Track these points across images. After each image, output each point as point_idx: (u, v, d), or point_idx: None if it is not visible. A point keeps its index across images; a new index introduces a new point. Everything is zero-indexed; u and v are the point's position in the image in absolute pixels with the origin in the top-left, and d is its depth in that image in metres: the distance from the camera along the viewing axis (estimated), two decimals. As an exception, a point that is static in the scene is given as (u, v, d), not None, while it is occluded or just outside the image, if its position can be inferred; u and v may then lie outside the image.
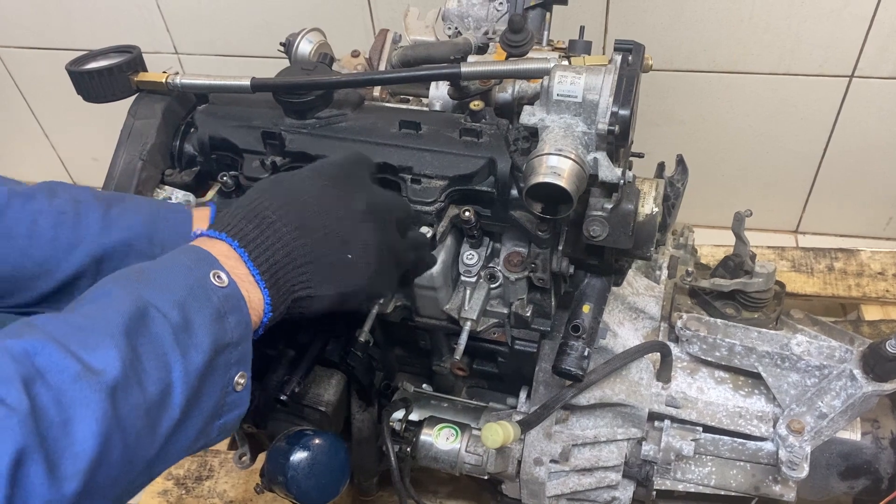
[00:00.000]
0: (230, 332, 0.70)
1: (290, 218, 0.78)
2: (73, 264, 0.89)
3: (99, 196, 0.95)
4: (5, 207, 0.87)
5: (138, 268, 0.71)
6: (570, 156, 0.88)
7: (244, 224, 0.77)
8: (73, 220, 0.89)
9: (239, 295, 0.71)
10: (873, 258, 1.80)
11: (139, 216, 0.94)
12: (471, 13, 1.23)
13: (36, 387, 0.55)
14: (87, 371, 0.58)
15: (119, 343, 0.61)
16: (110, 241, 0.90)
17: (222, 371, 0.69)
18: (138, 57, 1.14)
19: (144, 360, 0.62)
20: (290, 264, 0.77)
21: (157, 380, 0.62)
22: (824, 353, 1.15)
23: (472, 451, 1.17)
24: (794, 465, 1.10)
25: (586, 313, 1.06)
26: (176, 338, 0.65)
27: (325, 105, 1.08)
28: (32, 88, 2.45)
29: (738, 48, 1.78)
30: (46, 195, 0.91)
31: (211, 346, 0.67)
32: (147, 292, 0.66)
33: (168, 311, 0.66)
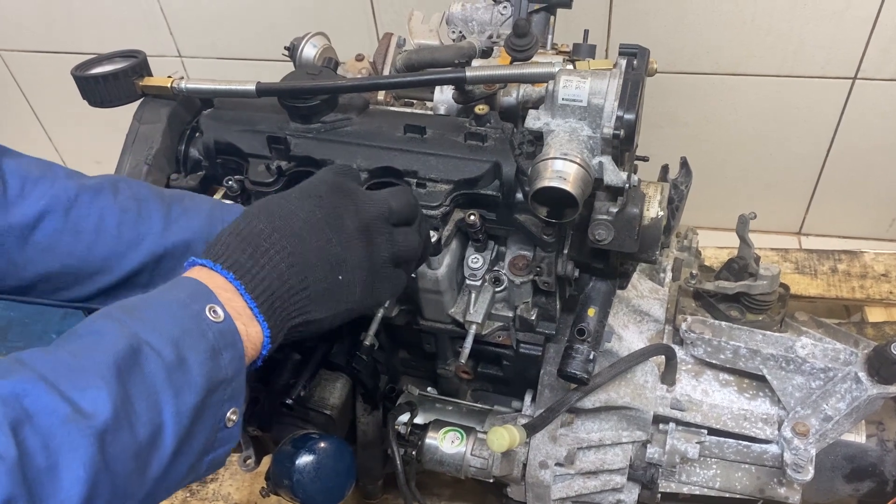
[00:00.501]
0: (224, 369, 0.68)
1: (282, 244, 0.77)
2: (133, 261, 0.91)
3: (159, 194, 0.96)
4: (73, 202, 0.89)
5: (132, 303, 0.70)
6: (576, 160, 0.89)
7: (238, 254, 0.75)
8: (135, 217, 0.91)
9: (234, 330, 0.70)
10: (877, 260, 1.80)
11: (198, 217, 0.95)
12: (475, 17, 1.23)
13: (24, 430, 0.54)
14: (76, 414, 0.56)
15: (110, 383, 0.59)
16: (170, 241, 0.92)
17: (215, 408, 0.68)
18: (144, 61, 1.14)
19: (135, 402, 0.61)
20: (286, 293, 0.76)
21: (147, 422, 0.61)
22: (829, 356, 1.15)
23: (478, 454, 1.17)
24: (799, 467, 1.10)
25: (591, 317, 1.06)
26: (169, 377, 0.63)
27: (331, 109, 1.08)
28: (36, 92, 2.46)
29: (741, 50, 1.79)
30: (111, 191, 0.92)
31: (205, 384, 0.66)
32: (141, 329, 0.65)
33: (162, 349, 0.64)
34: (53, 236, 0.88)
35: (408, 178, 1.02)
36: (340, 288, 0.80)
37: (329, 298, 0.80)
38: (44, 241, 0.87)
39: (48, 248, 0.88)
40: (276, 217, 0.79)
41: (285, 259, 0.76)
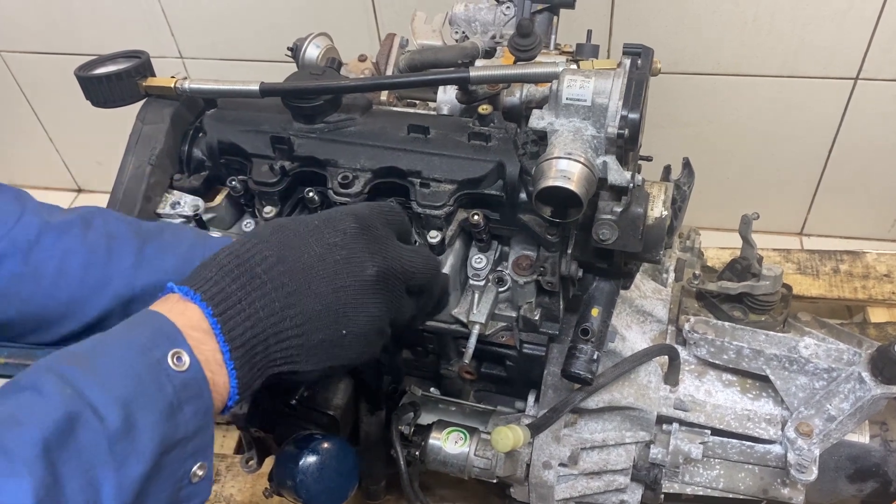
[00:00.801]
0: (184, 426, 0.61)
1: (282, 280, 0.68)
2: (99, 306, 0.84)
3: (136, 230, 0.89)
4: (34, 245, 0.82)
5: (84, 348, 0.62)
6: (580, 159, 0.88)
7: (227, 282, 0.67)
8: (104, 258, 0.84)
9: (201, 379, 0.62)
10: (879, 260, 1.80)
11: (174, 258, 0.87)
12: (478, 17, 1.23)
13: None
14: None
15: (35, 470, 0.52)
16: (140, 284, 0.85)
17: (174, 468, 0.61)
18: (147, 62, 1.14)
19: (66, 483, 0.53)
20: (272, 338, 0.67)
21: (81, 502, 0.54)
22: (832, 356, 1.15)
23: (481, 454, 1.17)
24: (802, 467, 1.10)
25: (595, 317, 1.06)
26: (111, 448, 0.56)
27: (334, 109, 1.08)
28: (37, 93, 2.46)
29: (743, 51, 1.79)
30: (81, 228, 0.85)
31: (156, 449, 0.59)
32: (86, 386, 0.57)
33: (107, 414, 0.57)
34: (11, 281, 0.81)
35: (411, 178, 1.02)
36: (341, 343, 0.73)
37: (324, 352, 0.72)
38: (1, 286, 0.80)
39: (4, 295, 0.81)
40: (288, 246, 0.71)
41: (282, 298, 0.68)
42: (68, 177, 2.64)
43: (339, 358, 0.74)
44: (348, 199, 1.02)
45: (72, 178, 2.65)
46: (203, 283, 0.67)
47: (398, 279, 0.78)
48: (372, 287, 0.74)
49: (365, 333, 0.75)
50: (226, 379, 0.65)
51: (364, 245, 0.75)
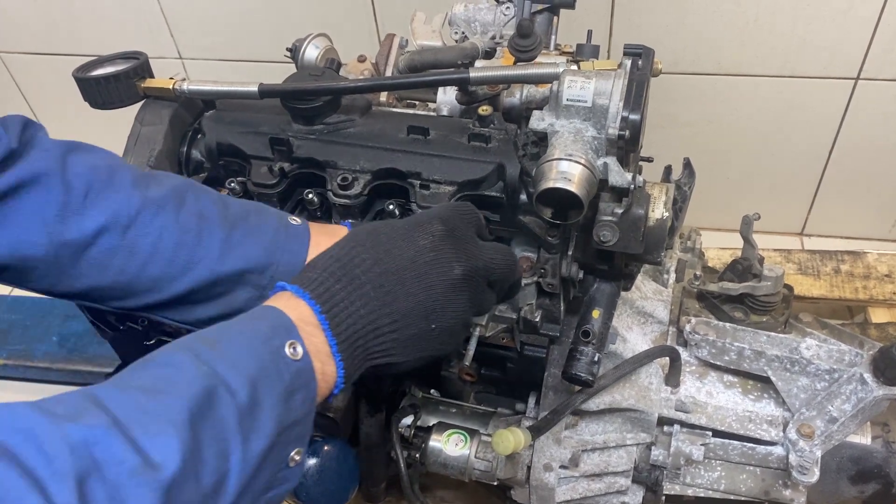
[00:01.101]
0: (295, 411, 0.67)
1: (380, 281, 0.74)
2: (184, 284, 0.88)
3: (223, 212, 0.92)
4: (134, 220, 0.86)
5: (212, 333, 0.68)
6: (581, 161, 0.88)
7: (332, 282, 0.73)
8: (194, 240, 0.88)
9: (310, 370, 0.69)
10: (880, 260, 1.80)
11: (258, 246, 0.91)
12: (477, 18, 1.23)
13: (91, 482, 0.51)
14: (145, 466, 0.54)
15: (182, 431, 0.57)
16: (225, 269, 0.89)
17: (281, 450, 0.66)
18: (145, 63, 1.14)
19: (204, 449, 0.58)
20: (371, 333, 0.73)
21: (213, 470, 0.59)
22: (834, 357, 1.15)
23: (482, 456, 1.16)
24: (804, 469, 1.10)
25: (596, 318, 1.05)
26: (241, 421, 0.61)
27: (333, 110, 1.07)
28: (36, 93, 2.46)
29: (743, 51, 1.78)
30: (175, 205, 0.89)
31: (275, 428, 0.64)
32: (219, 364, 0.63)
33: (237, 390, 0.62)
34: (108, 254, 0.86)
35: (411, 180, 1.01)
36: (430, 337, 0.78)
37: (415, 345, 0.77)
38: (98, 257, 0.85)
39: (101, 265, 0.86)
40: (382, 249, 0.76)
41: (380, 297, 0.74)
42: (67, 178, 2.63)
43: (429, 350, 0.79)
44: (348, 201, 1.02)
45: (71, 178, 2.64)
46: (310, 283, 0.73)
47: (481, 275, 0.82)
48: (458, 285, 0.79)
49: (451, 327, 0.80)
50: (334, 369, 0.71)
51: (450, 246, 0.80)
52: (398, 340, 0.75)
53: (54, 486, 0.50)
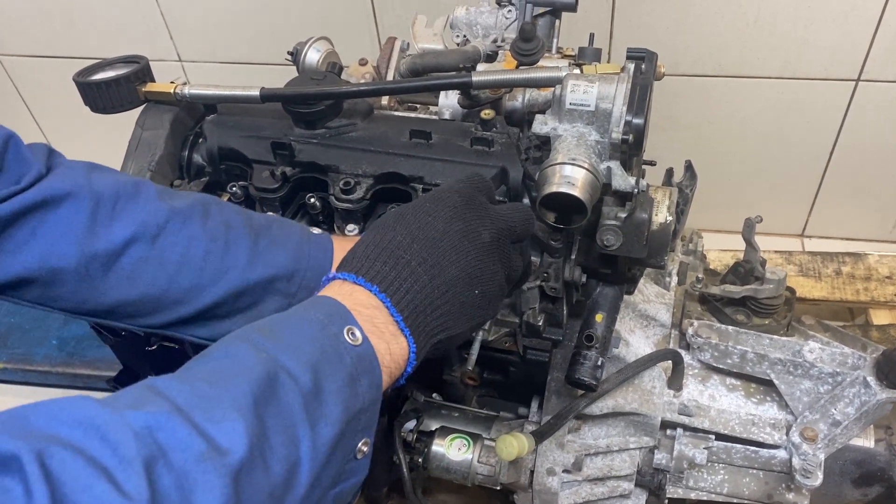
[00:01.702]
0: (361, 398, 0.65)
1: (423, 257, 0.74)
2: (214, 295, 0.87)
3: (248, 222, 0.92)
4: (162, 229, 0.86)
5: (268, 323, 0.67)
6: (584, 165, 0.88)
7: (380, 265, 0.72)
8: (222, 249, 0.88)
9: (372, 354, 0.67)
10: (881, 262, 1.80)
11: (285, 253, 0.91)
12: (479, 21, 1.23)
13: (157, 468, 0.50)
14: (212, 451, 0.53)
15: (247, 416, 0.56)
16: (254, 277, 0.89)
17: (349, 439, 0.64)
18: (146, 67, 1.13)
19: (272, 436, 0.57)
20: (428, 307, 0.73)
21: (283, 458, 0.57)
22: (837, 360, 1.15)
23: (485, 461, 1.16)
24: (807, 472, 1.09)
25: (599, 322, 1.05)
26: (306, 407, 0.60)
27: (335, 114, 1.07)
28: (36, 97, 2.45)
29: (744, 52, 1.78)
30: (201, 215, 0.89)
31: (342, 415, 0.62)
32: (278, 352, 0.62)
33: (299, 376, 0.61)
34: (138, 264, 0.85)
35: (413, 184, 1.01)
36: (477, 302, 0.78)
37: (466, 313, 0.77)
38: (128, 268, 0.85)
39: (131, 276, 0.85)
40: (414, 227, 0.76)
41: (427, 271, 0.73)
42: (67, 180, 2.63)
43: (476, 317, 0.79)
44: (350, 206, 1.02)
45: (70, 181, 2.63)
46: (359, 269, 0.72)
47: (505, 236, 0.83)
48: (489, 248, 0.79)
49: (491, 291, 0.80)
50: (404, 344, 0.70)
51: (473, 215, 0.80)
52: (451, 311, 0.75)
53: (121, 473, 0.48)
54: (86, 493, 0.47)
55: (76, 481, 0.47)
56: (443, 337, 0.75)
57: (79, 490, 0.46)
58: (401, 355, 0.70)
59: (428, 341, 0.73)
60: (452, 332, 0.76)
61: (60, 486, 0.46)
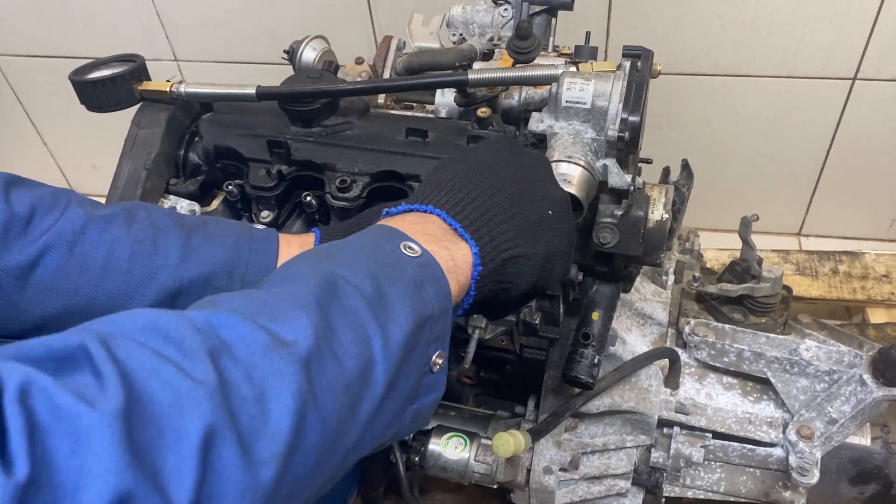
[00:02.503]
0: (430, 304, 0.63)
1: (479, 178, 0.72)
2: (146, 300, 0.82)
3: (180, 222, 0.87)
4: (79, 236, 0.80)
5: (321, 247, 0.66)
6: (580, 163, 0.88)
7: (433, 194, 0.71)
8: (149, 250, 0.82)
9: (435, 264, 0.65)
10: (878, 261, 1.80)
11: (221, 248, 0.86)
12: (475, 19, 1.22)
13: (223, 360, 0.49)
14: (277, 342, 0.52)
15: (311, 313, 0.55)
16: (187, 276, 0.83)
17: (423, 348, 0.62)
18: (142, 66, 1.13)
19: (340, 334, 0.56)
20: (490, 220, 0.70)
21: (355, 354, 0.56)
22: (833, 358, 1.15)
23: (482, 460, 1.16)
24: (804, 470, 1.10)
25: (596, 321, 1.05)
26: (372, 310, 0.58)
27: (331, 113, 1.07)
28: (31, 96, 2.44)
29: (741, 51, 1.78)
30: (125, 220, 0.84)
31: (411, 317, 0.61)
32: (335, 266, 0.61)
33: (360, 284, 0.59)
34: (57, 273, 0.79)
35: (410, 182, 1.01)
36: (549, 222, 0.75)
37: (540, 233, 0.74)
38: (46, 279, 0.78)
39: (50, 288, 0.79)
40: (464, 161, 0.75)
41: (485, 190, 0.71)
42: (63, 181, 2.62)
43: (554, 241, 0.76)
44: (346, 204, 1.01)
45: (67, 182, 2.63)
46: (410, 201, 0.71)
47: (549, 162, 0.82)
48: (547, 168, 0.78)
49: (565, 211, 0.77)
50: (466, 249, 0.68)
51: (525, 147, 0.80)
52: (521, 227, 0.72)
53: (188, 363, 0.48)
54: (153, 377, 0.46)
55: (144, 366, 0.46)
56: (514, 254, 0.71)
57: (147, 374, 0.46)
58: (465, 261, 0.68)
59: (497, 254, 0.70)
60: (525, 251, 0.72)
61: (129, 371, 0.45)
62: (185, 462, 0.44)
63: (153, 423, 0.44)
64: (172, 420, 0.45)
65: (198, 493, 0.44)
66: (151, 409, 0.44)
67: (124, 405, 0.43)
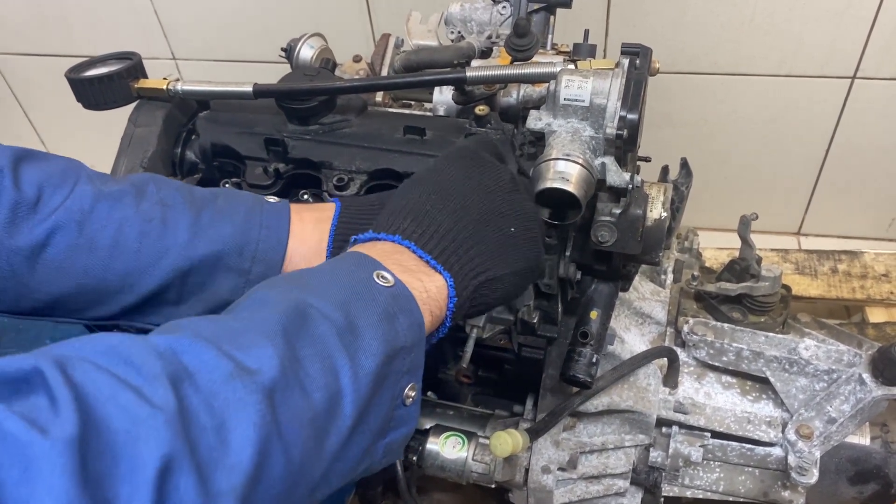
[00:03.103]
0: (402, 335, 0.62)
1: (443, 204, 0.73)
2: (156, 278, 0.82)
3: (189, 197, 0.87)
4: (89, 214, 0.80)
5: (294, 273, 0.66)
6: (578, 160, 0.87)
7: (398, 222, 0.71)
8: (159, 228, 0.82)
9: (408, 294, 0.65)
10: (877, 260, 1.80)
11: (231, 225, 0.85)
12: (474, 17, 1.22)
13: (184, 387, 0.48)
14: (240, 370, 0.51)
15: (276, 342, 0.54)
16: (197, 254, 0.83)
17: (394, 380, 0.62)
18: (139, 63, 1.12)
19: (307, 364, 0.55)
20: (459, 247, 0.71)
21: (323, 385, 0.55)
22: (832, 358, 1.14)
23: (480, 459, 1.15)
24: (803, 470, 1.09)
25: (594, 319, 1.05)
26: (341, 340, 0.58)
27: (329, 111, 1.06)
28: (28, 95, 2.44)
29: (740, 50, 1.78)
30: (134, 197, 0.83)
31: (382, 348, 0.60)
32: (306, 295, 0.60)
33: (330, 313, 0.59)
34: (67, 253, 0.79)
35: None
36: (516, 241, 0.76)
37: (506, 253, 0.74)
38: (56, 259, 0.79)
39: (61, 268, 0.79)
40: (430, 181, 0.75)
41: (450, 215, 0.72)
42: (61, 179, 2.62)
43: (522, 258, 0.76)
44: (344, 202, 1.01)
45: (64, 180, 2.63)
46: (378, 229, 0.72)
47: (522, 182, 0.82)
48: (512, 185, 0.78)
49: (529, 226, 0.78)
50: (441, 281, 0.69)
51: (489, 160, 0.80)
52: (488, 251, 0.73)
53: (148, 388, 0.46)
54: (110, 402, 0.45)
55: (101, 391, 0.45)
56: (484, 278, 0.72)
57: (104, 399, 0.45)
58: (439, 293, 0.68)
59: (469, 282, 0.71)
60: (496, 273, 0.73)
61: (85, 395, 0.44)
62: (139, 492, 0.43)
63: (108, 451, 0.43)
64: (128, 448, 0.43)
65: None
66: (108, 436, 0.43)
67: (79, 432, 0.42)
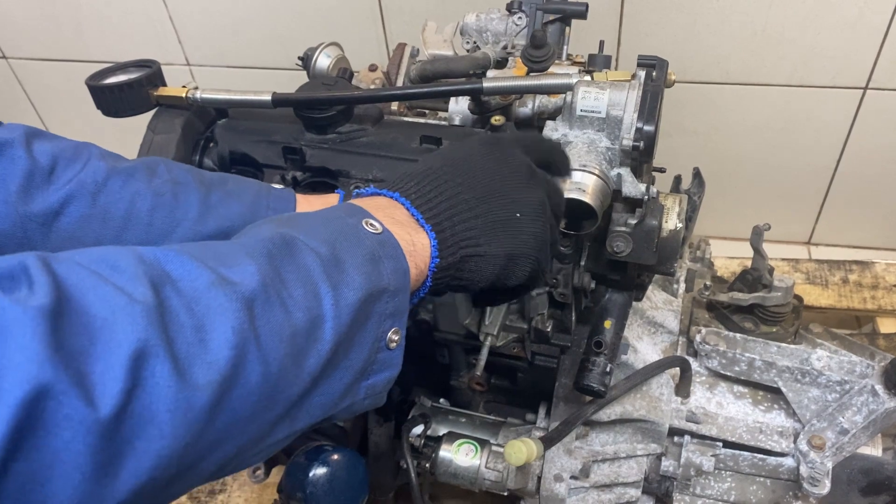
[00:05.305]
0: (386, 278, 0.63)
1: (453, 174, 0.72)
2: None
3: (199, 177, 0.90)
4: (102, 187, 0.83)
5: (286, 215, 0.67)
6: (595, 171, 0.88)
7: (405, 182, 0.72)
8: (170, 203, 0.85)
9: (395, 243, 0.65)
10: (888, 270, 1.79)
11: (240, 205, 0.88)
12: (489, 27, 1.23)
13: (165, 290, 0.49)
14: (222, 280, 0.52)
15: (259, 262, 0.55)
16: (206, 230, 0.86)
17: (376, 321, 0.62)
18: (158, 71, 1.14)
19: (290, 286, 0.56)
20: (455, 216, 0.71)
21: (304, 307, 0.56)
22: (845, 368, 1.15)
23: (492, 467, 1.16)
24: (815, 481, 1.09)
25: (608, 329, 1.05)
26: (325, 270, 0.59)
27: (346, 120, 1.08)
28: (44, 100, 2.46)
29: (752, 60, 1.78)
30: (146, 174, 0.86)
31: (365, 285, 0.60)
32: (294, 230, 0.61)
33: (316, 247, 0.60)
34: (80, 223, 0.82)
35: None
36: (518, 226, 0.75)
37: (503, 235, 0.74)
38: (69, 228, 0.81)
39: (73, 236, 0.81)
40: (448, 155, 0.76)
41: (455, 186, 0.72)
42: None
43: (518, 244, 0.75)
44: (360, 210, 1.02)
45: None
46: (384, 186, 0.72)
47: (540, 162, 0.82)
48: (527, 171, 0.77)
49: (537, 214, 0.76)
50: (425, 240, 0.69)
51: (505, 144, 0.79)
52: (483, 227, 0.72)
53: (129, 286, 0.48)
54: (91, 292, 0.46)
55: (83, 282, 0.47)
56: (473, 252, 0.72)
57: (84, 289, 0.46)
58: (424, 250, 0.68)
59: (457, 251, 0.71)
60: (486, 251, 0.72)
61: (64, 282, 0.46)
62: (113, 370, 0.44)
63: (85, 333, 0.44)
64: (105, 332, 0.45)
65: (124, 401, 0.44)
66: (86, 319, 0.45)
67: (51, 305, 0.43)
